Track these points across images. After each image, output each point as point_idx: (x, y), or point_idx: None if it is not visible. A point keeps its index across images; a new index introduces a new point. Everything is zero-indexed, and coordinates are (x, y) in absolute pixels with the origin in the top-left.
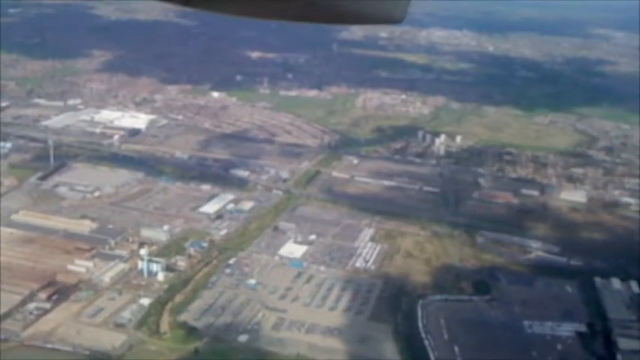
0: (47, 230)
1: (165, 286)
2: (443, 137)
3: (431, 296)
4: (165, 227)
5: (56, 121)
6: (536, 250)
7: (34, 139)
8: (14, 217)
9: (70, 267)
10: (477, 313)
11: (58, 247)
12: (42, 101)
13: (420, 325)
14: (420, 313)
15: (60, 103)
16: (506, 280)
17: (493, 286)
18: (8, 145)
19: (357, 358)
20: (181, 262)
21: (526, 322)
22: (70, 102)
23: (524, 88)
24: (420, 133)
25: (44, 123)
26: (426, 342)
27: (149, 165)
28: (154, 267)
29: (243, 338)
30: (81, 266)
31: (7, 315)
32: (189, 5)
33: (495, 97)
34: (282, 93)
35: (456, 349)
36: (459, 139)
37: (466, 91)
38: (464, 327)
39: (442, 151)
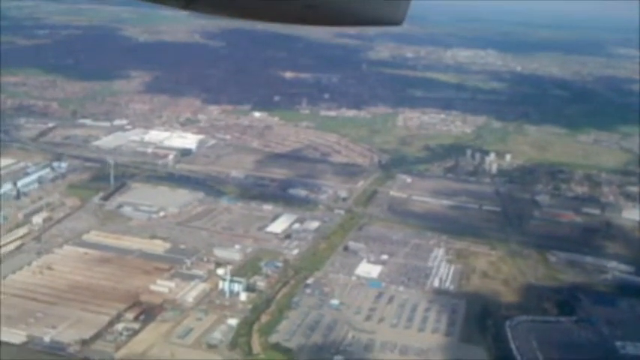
0: (121, 250)
1: (249, 307)
2: (493, 156)
3: (517, 317)
4: (237, 247)
5: (107, 142)
6: (612, 269)
7: (88, 159)
8: (85, 237)
9: (153, 287)
10: (567, 334)
11: (136, 267)
12: (88, 122)
13: (513, 347)
14: (510, 335)
15: (106, 124)
16: (588, 300)
17: (577, 307)
18: (64, 165)
19: None
20: (260, 282)
21: (618, 343)
22: (117, 122)
23: (560, 106)
24: (469, 152)
25: (95, 143)
26: None
27: (207, 185)
28: (236, 287)
29: (337, 359)
30: (163, 286)
31: (98, 336)
32: (189, 9)
33: (534, 116)
34: (323, 113)
35: None
36: (508, 157)
37: (504, 109)
38: (557, 349)
39: (494, 170)
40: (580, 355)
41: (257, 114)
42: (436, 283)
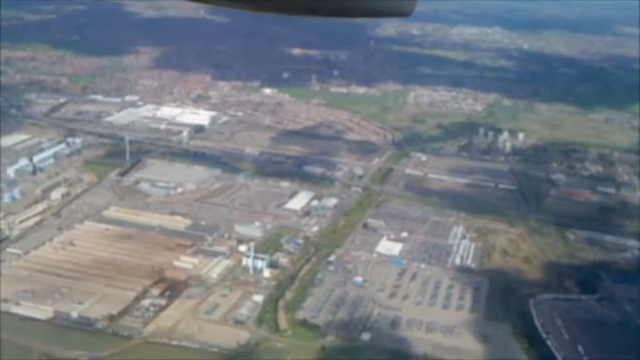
0: (142, 226)
1: (273, 283)
2: (506, 134)
3: (540, 295)
4: (257, 224)
5: (119, 118)
6: (632, 248)
7: (102, 135)
8: (105, 213)
9: (177, 263)
10: (591, 312)
11: (158, 244)
12: (99, 97)
13: (538, 324)
14: (534, 313)
15: (117, 100)
16: (609, 278)
17: (599, 285)
18: (78, 140)
19: (485, 357)
20: (282, 259)
21: None
22: (128, 98)
23: (569, 85)
24: (482, 130)
25: (107, 119)
26: (549, 342)
27: (223, 162)
28: (259, 263)
29: (365, 336)
30: (187, 262)
31: (125, 312)
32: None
33: (544, 94)
34: (333, 90)
35: (580, 349)
36: (521, 136)
37: (514, 87)
38: (582, 327)
39: (508, 148)
40: (604, 334)
41: (267, 90)
42: (457, 261)
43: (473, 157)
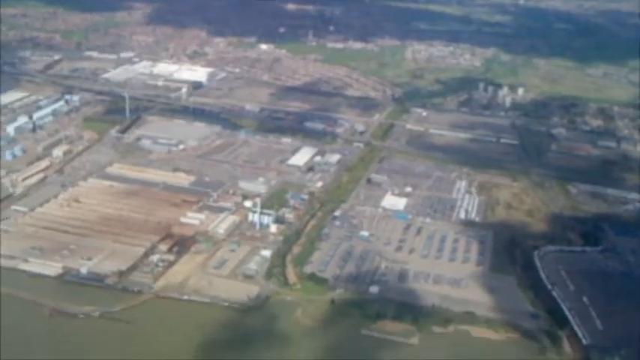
0: (146, 183)
1: (280, 238)
2: (506, 89)
3: (544, 247)
4: (261, 180)
5: (116, 74)
6: (633, 201)
7: (99, 92)
8: (109, 169)
9: (183, 219)
10: (594, 263)
11: (163, 200)
12: (93, 54)
13: (543, 276)
14: (538, 264)
15: (113, 56)
16: (612, 231)
17: (601, 237)
18: (76, 98)
19: (493, 309)
20: (288, 214)
21: None
22: (123, 54)
23: (566, 40)
24: (481, 85)
25: (104, 76)
26: (554, 293)
27: (222, 118)
28: (265, 219)
29: (374, 289)
30: (194, 218)
31: (134, 267)
32: None
33: (542, 49)
34: (330, 45)
35: (585, 299)
36: (521, 90)
37: (511, 42)
38: (586, 278)
39: (508, 103)
40: (608, 284)
41: (264, 46)
42: (462, 215)
43: (473, 112)
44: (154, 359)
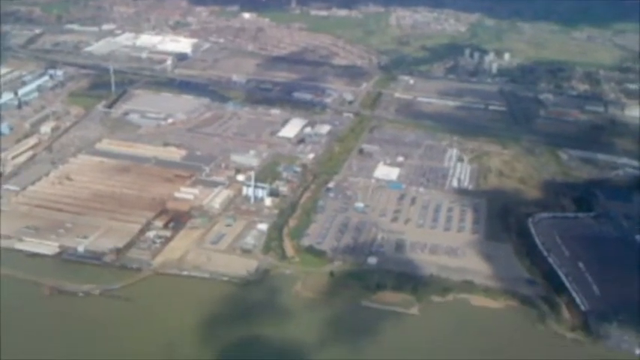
0: (137, 158)
1: (275, 211)
2: (492, 55)
3: (538, 214)
4: (252, 152)
5: (98, 47)
6: (623, 165)
7: (83, 66)
8: (98, 145)
9: (177, 194)
10: (588, 229)
11: (155, 175)
12: (75, 27)
13: (538, 242)
14: (533, 231)
15: (94, 29)
16: (604, 195)
17: (594, 202)
18: (60, 73)
19: (490, 277)
20: (282, 187)
21: (638, 237)
22: (105, 27)
23: (550, 3)
24: (467, 51)
25: (87, 49)
26: (550, 260)
27: (210, 90)
28: (260, 192)
29: (372, 260)
30: (188, 193)
31: (131, 244)
32: None
33: (526, 13)
34: (313, 13)
35: (581, 265)
36: (507, 56)
37: (495, 7)
38: (581, 243)
39: (494, 69)
40: (603, 249)
41: (247, 15)
42: (455, 183)
43: (460, 78)
44: (158, 335)
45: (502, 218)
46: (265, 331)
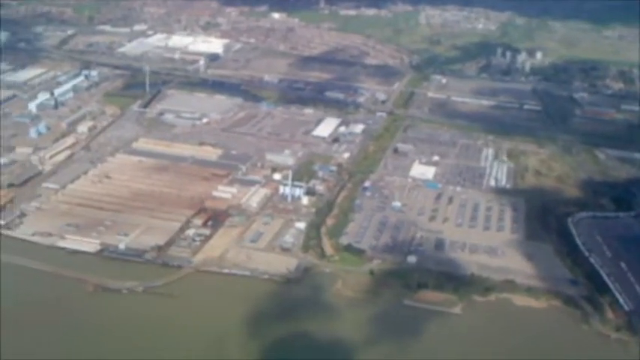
0: (174, 157)
1: (313, 210)
2: (524, 54)
3: (577, 214)
4: (287, 152)
5: (131, 48)
6: None
7: (117, 67)
8: (135, 145)
9: (215, 193)
10: (629, 229)
11: (193, 174)
12: (107, 28)
13: (579, 242)
14: (574, 231)
15: (126, 30)
16: None
17: (633, 202)
18: (94, 73)
19: (532, 277)
20: (318, 186)
21: None
22: (136, 27)
23: (580, 1)
24: (499, 50)
25: (120, 50)
26: (592, 260)
27: (243, 90)
28: (297, 191)
29: (412, 259)
30: (225, 192)
31: (171, 242)
32: None
33: (556, 11)
34: (342, 12)
35: (623, 265)
36: (539, 54)
37: (525, 5)
38: (622, 243)
39: (527, 68)
40: None
41: (276, 15)
42: (492, 183)
43: (493, 77)
44: (204, 331)
45: (541, 218)
46: (310, 329)
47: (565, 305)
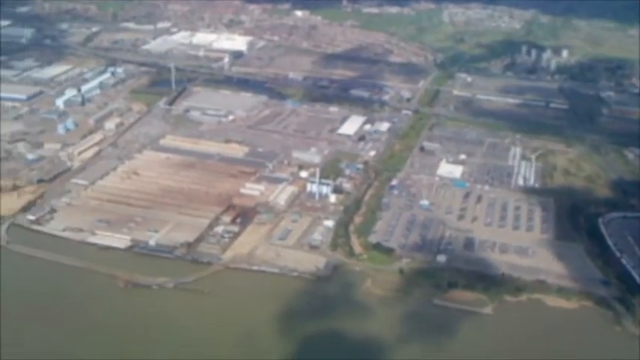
0: (201, 154)
1: (341, 208)
2: (549, 52)
3: (608, 214)
4: (313, 149)
5: (155, 45)
6: None
7: (142, 64)
8: (162, 142)
9: (243, 190)
10: None
11: (220, 171)
12: (131, 25)
13: (610, 243)
14: (604, 231)
15: (150, 27)
16: None
17: None
18: (120, 70)
19: (563, 277)
20: (345, 184)
21: None
22: (160, 25)
23: (604, 0)
24: (524, 48)
25: (144, 47)
26: (624, 260)
27: (267, 87)
28: (324, 189)
29: (441, 258)
30: (253, 189)
31: (201, 239)
32: None
33: (580, 10)
34: (365, 10)
35: None
36: (565, 53)
37: (549, 4)
38: None
39: (553, 66)
40: None
41: (299, 13)
42: (520, 182)
43: (519, 76)
44: (236, 328)
45: (571, 218)
46: (342, 327)
47: (597, 306)
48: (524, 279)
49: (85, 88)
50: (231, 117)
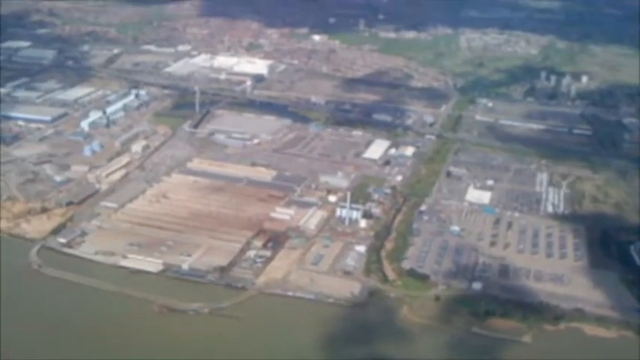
0: (229, 178)
1: (371, 233)
2: (569, 78)
3: (639, 241)
4: (340, 174)
5: (177, 68)
6: None
7: (165, 87)
8: (189, 165)
9: (273, 214)
10: None
11: (249, 195)
12: (151, 47)
13: None
14: (637, 259)
15: (170, 50)
16: None
17: None
18: (143, 92)
19: (601, 306)
20: (375, 209)
21: None
22: (180, 48)
23: (619, 25)
24: (543, 74)
25: (166, 70)
26: None
27: (290, 111)
28: (354, 214)
29: (477, 286)
30: (283, 214)
31: (233, 263)
32: None
33: (596, 36)
34: (382, 35)
35: None
36: (584, 79)
37: (564, 29)
38: None
39: (573, 92)
40: None
41: (317, 37)
42: (550, 208)
43: (540, 101)
44: (275, 355)
45: (603, 245)
46: (385, 354)
47: (637, 335)
48: (561, 307)
49: (109, 110)
50: (256, 140)
